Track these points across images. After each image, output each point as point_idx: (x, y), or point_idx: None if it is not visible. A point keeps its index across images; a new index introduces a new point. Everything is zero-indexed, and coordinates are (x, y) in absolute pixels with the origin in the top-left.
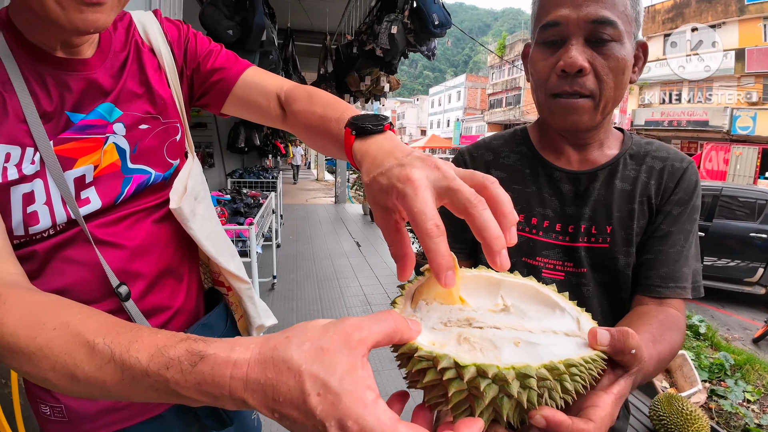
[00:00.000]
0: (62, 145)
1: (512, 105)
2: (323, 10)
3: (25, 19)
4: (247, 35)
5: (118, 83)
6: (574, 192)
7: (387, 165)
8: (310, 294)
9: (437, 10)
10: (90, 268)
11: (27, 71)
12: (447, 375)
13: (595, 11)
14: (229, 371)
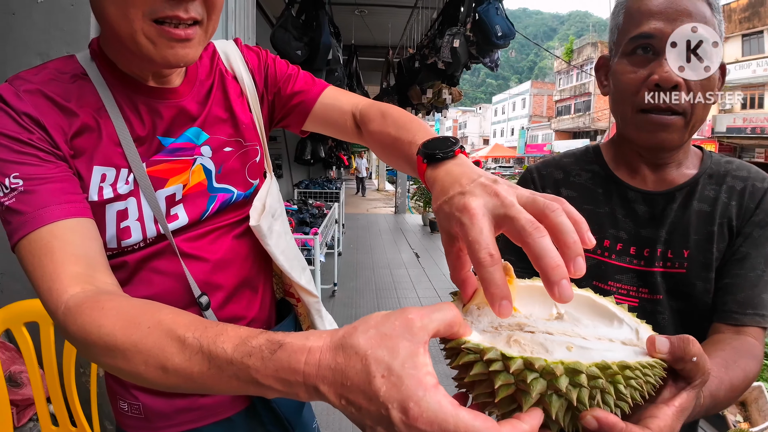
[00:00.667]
0: (154, 166)
1: (581, 112)
2: (386, 25)
3: (117, 52)
4: (315, 55)
5: (205, 109)
6: (650, 213)
7: (451, 193)
8: (369, 303)
9: (500, 22)
10: (175, 279)
11: (121, 99)
12: (493, 366)
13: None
14: (304, 357)
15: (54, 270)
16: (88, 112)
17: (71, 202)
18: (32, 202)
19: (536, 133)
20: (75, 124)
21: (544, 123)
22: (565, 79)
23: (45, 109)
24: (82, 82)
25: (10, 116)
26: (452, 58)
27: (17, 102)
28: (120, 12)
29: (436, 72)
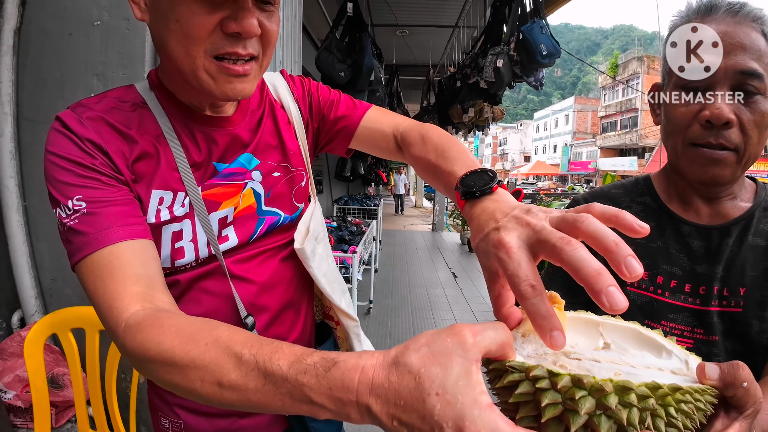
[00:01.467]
0: (209, 190)
1: (628, 128)
2: (426, 45)
3: (176, 84)
4: (358, 76)
5: (256, 136)
6: (706, 248)
7: (486, 230)
8: (404, 323)
9: (545, 40)
10: (223, 299)
11: (178, 127)
12: (540, 384)
13: (743, 61)
14: (357, 375)
15: (115, 289)
16: (148, 139)
17: (132, 224)
18: (95, 224)
19: (580, 150)
20: (136, 150)
21: (588, 140)
22: (610, 95)
23: (107, 136)
24: (142, 111)
25: (74, 142)
26: (495, 78)
27: (80, 128)
28: (183, 49)
29: (478, 91)
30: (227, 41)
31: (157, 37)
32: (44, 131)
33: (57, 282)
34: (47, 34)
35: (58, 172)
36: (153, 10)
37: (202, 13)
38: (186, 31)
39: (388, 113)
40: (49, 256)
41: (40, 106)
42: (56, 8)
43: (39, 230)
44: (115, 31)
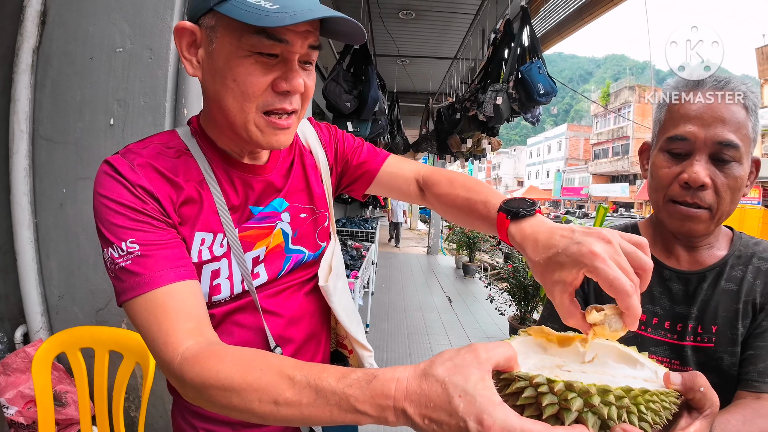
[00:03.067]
0: (245, 232)
1: (620, 155)
2: (426, 75)
3: (220, 133)
4: (363, 107)
5: (287, 181)
6: (684, 291)
7: (561, 245)
8: (401, 347)
9: (542, 80)
10: (254, 332)
11: (219, 172)
12: (541, 389)
13: (722, 133)
14: (394, 385)
15: (170, 326)
16: (192, 185)
17: (183, 266)
18: (149, 266)
19: (573, 175)
20: (182, 196)
21: (580, 166)
22: (602, 122)
23: (156, 182)
24: (186, 157)
25: (126, 187)
26: (494, 114)
27: (132, 175)
28: (238, 105)
29: (477, 123)
30: (277, 98)
31: (210, 92)
32: (61, 151)
33: (64, 299)
34: (68, 56)
35: (111, 215)
36: (208, 68)
37: (258, 74)
38: (243, 90)
39: (407, 160)
40: (57, 274)
41: (58, 126)
42: (78, 31)
43: (49, 247)
44: (138, 59)
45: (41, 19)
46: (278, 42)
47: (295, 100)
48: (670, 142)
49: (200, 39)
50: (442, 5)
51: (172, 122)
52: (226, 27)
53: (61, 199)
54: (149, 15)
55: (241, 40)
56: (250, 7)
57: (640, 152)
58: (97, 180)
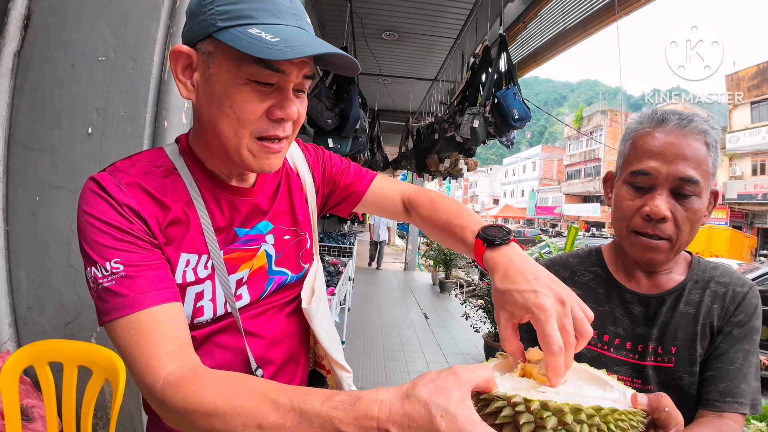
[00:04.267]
0: (230, 254)
1: (591, 176)
2: (407, 94)
3: (210, 154)
4: (344, 124)
5: (273, 204)
6: (644, 314)
7: (522, 286)
8: (376, 365)
9: (517, 105)
10: (235, 353)
11: (206, 193)
12: (518, 408)
13: (683, 170)
14: (377, 406)
15: (153, 349)
16: (179, 206)
17: (167, 288)
18: (133, 287)
19: (546, 195)
20: (168, 217)
21: (554, 186)
22: (575, 145)
23: (144, 202)
24: (174, 177)
25: (113, 207)
26: (471, 136)
27: (120, 194)
28: (233, 130)
29: (454, 144)
30: (271, 125)
31: (204, 116)
32: (37, 158)
33: (33, 311)
34: (49, 62)
35: (96, 233)
36: (203, 92)
37: (254, 101)
38: (239, 116)
39: (393, 180)
40: (26, 284)
41: (35, 133)
42: (61, 37)
43: (20, 257)
44: (121, 69)
45: (24, 23)
46: (276, 72)
47: (287, 126)
48: (633, 175)
49: (196, 63)
50: (424, 28)
51: (151, 134)
52: (224, 54)
53: (33, 207)
54: (134, 26)
55: (240, 69)
56: (252, 38)
57: (605, 181)
58: (83, 197)
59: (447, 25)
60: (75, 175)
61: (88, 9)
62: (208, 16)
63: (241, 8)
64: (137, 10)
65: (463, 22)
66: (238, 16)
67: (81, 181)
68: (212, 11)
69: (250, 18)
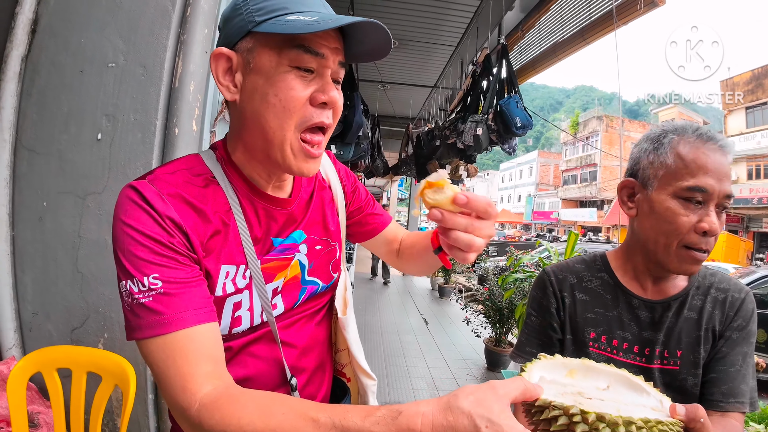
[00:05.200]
0: (267, 263)
1: (588, 181)
2: (407, 101)
3: (250, 157)
4: (347, 130)
5: (306, 214)
6: (651, 318)
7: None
8: (378, 370)
9: (519, 114)
10: (269, 363)
11: (244, 202)
12: (575, 419)
13: (728, 188)
14: (419, 419)
15: (189, 371)
16: (219, 216)
17: (205, 307)
18: (171, 305)
19: (543, 200)
20: (210, 229)
21: (550, 191)
22: (571, 150)
23: (186, 214)
24: (214, 186)
25: (154, 218)
26: (474, 143)
27: (161, 205)
28: (278, 122)
29: (456, 150)
30: (315, 112)
31: (248, 112)
32: (43, 163)
33: (38, 317)
34: (57, 67)
35: (135, 246)
36: (246, 89)
37: (298, 87)
38: (284, 105)
39: (399, 227)
40: (32, 289)
41: (42, 137)
42: (69, 43)
43: (25, 262)
44: (131, 75)
45: (32, 28)
46: (315, 56)
47: (329, 114)
48: (689, 191)
49: (236, 64)
50: (425, 36)
51: (162, 140)
52: (264, 45)
53: (40, 212)
54: (144, 33)
55: (281, 56)
56: (291, 22)
57: (622, 188)
58: (122, 207)
59: (447, 33)
60: (82, 180)
61: (96, 14)
62: (244, 15)
63: (275, 2)
64: (147, 17)
65: (463, 30)
66: (274, 9)
67: (89, 187)
68: (248, 10)
69: (285, 9)
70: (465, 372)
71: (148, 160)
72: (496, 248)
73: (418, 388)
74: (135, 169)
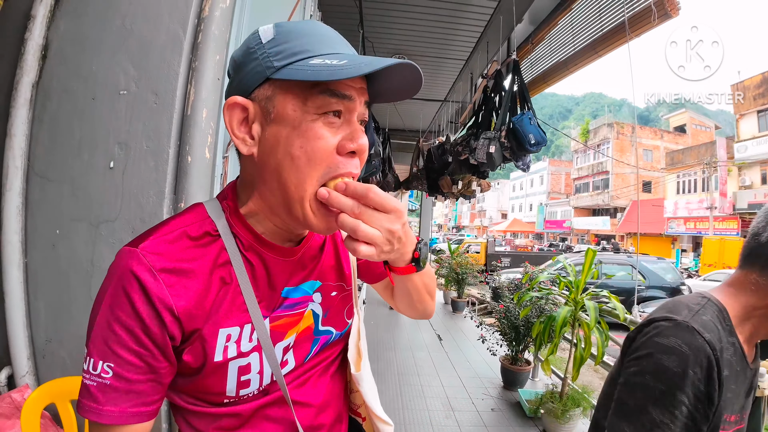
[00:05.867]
0: (276, 321)
1: (600, 189)
2: (417, 114)
3: (269, 211)
4: None
5: (319, 261)
6: (750, 385)
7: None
8: (391, 389)
9: (533, 130)
10: (284, 426)
11: (250, 256)
12: None
13: None
14: None
15: None
16: (219, 275)
17: (144, 409)
18: (110, 399)
19: (555, 209)
20: (208, 293)
21: (562, 199)
22: (582, 158)
23: (179, 290)
24: (215, 243)
25: (134, 308)
26: (487, 161)
27: (152, 283)
28: (301, 177)
29: (468, 166)
30: (341, 162)
31: (270, 166)
32: (56, 190)
33: (52, 344)
34: (69, 93)
35: (105, 329)
36: (268, 142)
37: (326, 137)
38: (310, 156)
39: None
40: (45, 316)
41: (54, 164)
42: (80, 69)
43: (38, 288)
44: (143, 103)
45: (42, 53)
46: (343, 99)
47: (356, 162)
48: None
49: (253, 114)
50: (435, 51)
51: (174, 168)
52: (286, 92)
53: (53, 239)
54: (155, 59)
55: (307, 104)
56: (318, 67)
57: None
58: (109, 280)
59: (457, 47)
60: (96, 207)
61: (107, 40)
62: (261, 60)
63: (295, 44)
64: (158, 43)
65: (473, 44)
66: (295, 52)
67: (102, 214)
68: (264, 54)
69: (308, 51)
70: (481, 391)
71: (161, 188)
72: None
73: (433, 409)
74: (148, 198)
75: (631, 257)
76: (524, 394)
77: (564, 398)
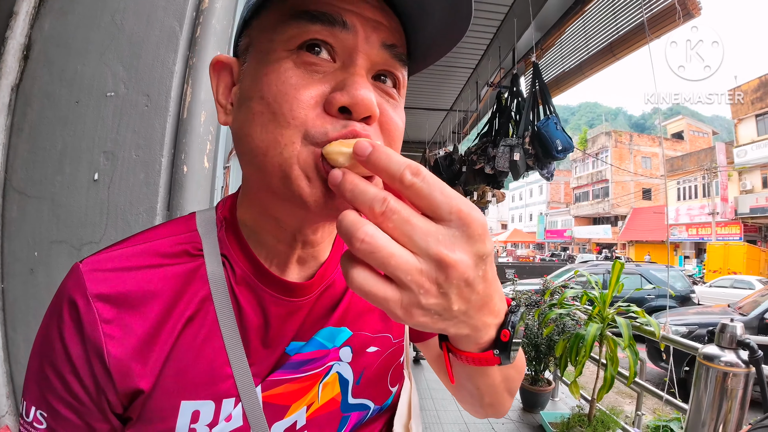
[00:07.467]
0: (272, 390)
1: (600, 198)
2: (422, 125)
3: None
4: None
5: (344, 299)
6: None
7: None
8: None
9: (559, 135)
10: None
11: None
12: None
13: None
14: None
15: None
16: (187, 316)
17: None
18: None
19: (555, 218)
20: (162, 348)
21: (562, 209)
22: (581, 167)
23: (115, 328)
24: (193, 270)
25: (63, 341)
26: (511, 170)
27: (85, 313)
28: (270, 137)
29: (483, 176)
30: (330, 123)
31: (238, 138)
32: (34, 207)
33: None
34: (51, 98)
35: (37, 372)
36: (238, 104)
37: (297, 78)
38: (273, 110)
39: None
40: (25, 350)
41: (34, 179)
42: (64, 70)
43: (16, 319)
44: (132, 106)
45: (24, 54)
46: (330, 25)
47: (367, 129)
48: None
49: (236, 73)
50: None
51: (168, 181)
52: (259, 34)
53: (31, 263)
54: (148, 57)
55: (275, 38)
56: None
57: None
58: (49, 310)
59: (466, 55)
60: (78, 228)
61: (95, 39)
62: (244, 9)
63: None
64: (152, 40)
65: (482, 51)
66: None
67: (85, 235)
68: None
69: None
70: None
71: (152, 204)
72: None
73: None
74: (137, 215)
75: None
76: (547, 416)
77: (594, 422)
